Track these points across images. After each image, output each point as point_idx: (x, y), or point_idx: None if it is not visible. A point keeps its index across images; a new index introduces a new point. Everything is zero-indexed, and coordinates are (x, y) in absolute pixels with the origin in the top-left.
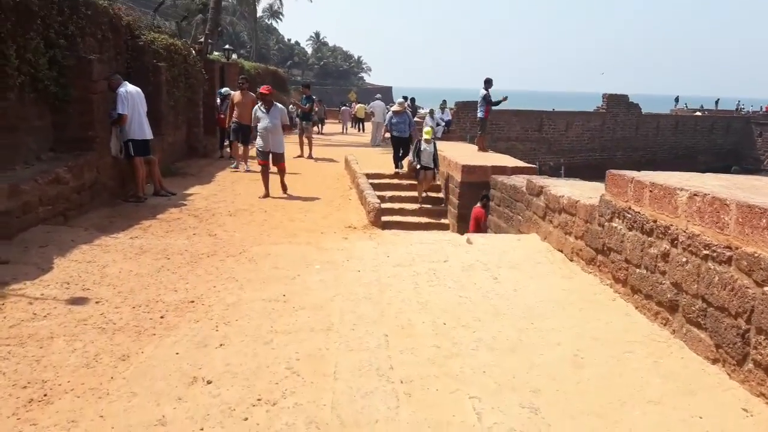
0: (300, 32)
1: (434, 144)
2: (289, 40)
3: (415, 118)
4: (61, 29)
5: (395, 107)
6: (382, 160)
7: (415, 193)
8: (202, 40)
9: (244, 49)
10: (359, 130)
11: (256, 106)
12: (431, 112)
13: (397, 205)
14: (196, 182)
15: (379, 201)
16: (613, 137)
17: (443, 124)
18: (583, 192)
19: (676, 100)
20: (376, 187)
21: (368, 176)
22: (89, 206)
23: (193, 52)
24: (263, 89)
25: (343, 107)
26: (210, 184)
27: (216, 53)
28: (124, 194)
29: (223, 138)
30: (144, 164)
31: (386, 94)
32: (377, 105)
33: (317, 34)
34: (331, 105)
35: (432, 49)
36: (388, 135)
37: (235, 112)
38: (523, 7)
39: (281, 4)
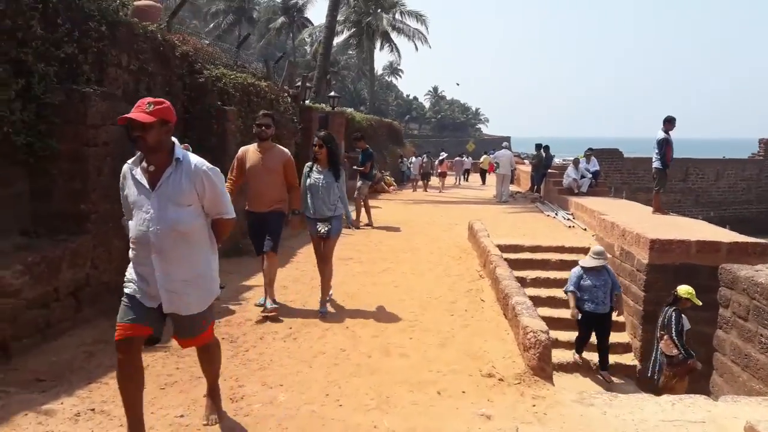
0: (419, 88)
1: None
2: (408, 95)
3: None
4: (47, 50)
5: (588, 261)
6: (513, 222)
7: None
8: (299, 83)
9: (364, 106)
10: (482, 183)
11: (127, 166)
12: (575, 162)
13: (544, 292)
14: None
15: (545, 328)
16: None
17: (589, 176)
18: None
19: None
20: (513, 264)
21: (500, 248)
22: (71, 322)
23: (288, 97)
24: (137, 109)
25: (458, 158)
26: (284, 268)
27: (323, 105)
28: None
29: None
30: None
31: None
32: (503, 155)
33: (435, 89)
34: (452, 156)
35: (550, 98)
36: (573, 309)
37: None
38: (659, 44)
39: (399, 57)
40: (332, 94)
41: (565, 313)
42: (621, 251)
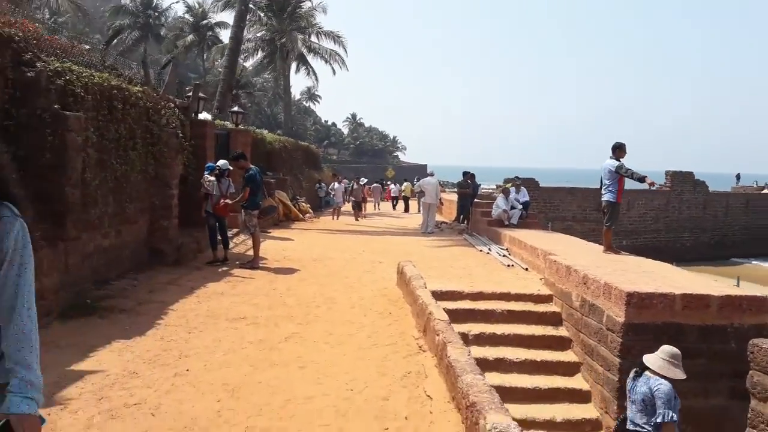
0: (337, 114)
1: None
2: (326, 121)
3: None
4: None
5: (671, 369)
6: (444, 259)
7: (520, 329)
8: (190, 93)
9: (281, 129)
10: (405, 210)
11: None
12: (505, 191)
13: (491, 352)
14: (118, 332)
15: None
16: (679, 217)
17: (519, 206)
18: None
19: (738, 177)
20: (452, 315)
21: (435, 295)
22: None
23: (174, 108)
24: None
25: (375, 184)
26: (143, 338)
27: (226, 122)
28: None
29: (215, 233)
30: None
31: (421, 171)
32: (429, 182)
33: (354, 115)
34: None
35: (466, 128)
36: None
37: None
38: (574, 79)
39: (317, 81)
40: (235, 108)
41: (520, 381)
42: (582, 302)
